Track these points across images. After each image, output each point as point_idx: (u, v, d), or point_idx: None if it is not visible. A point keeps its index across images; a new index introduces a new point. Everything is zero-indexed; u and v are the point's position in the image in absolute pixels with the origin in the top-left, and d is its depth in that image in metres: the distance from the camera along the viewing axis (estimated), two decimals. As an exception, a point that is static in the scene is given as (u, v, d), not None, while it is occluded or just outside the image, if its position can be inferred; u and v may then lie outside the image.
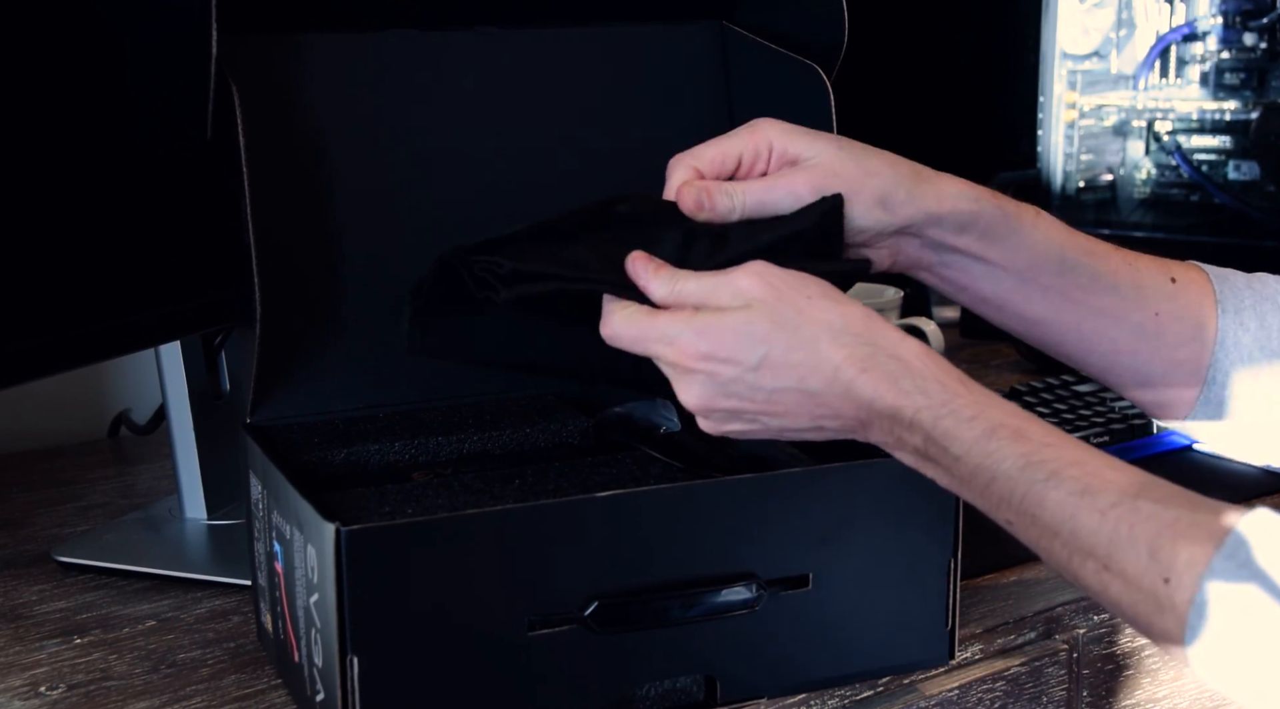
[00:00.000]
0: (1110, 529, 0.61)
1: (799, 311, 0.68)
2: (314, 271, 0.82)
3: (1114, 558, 0.61)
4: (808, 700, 0.74)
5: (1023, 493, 0.64)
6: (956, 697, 0.77)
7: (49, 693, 0.75)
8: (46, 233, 0.82)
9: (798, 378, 0.68)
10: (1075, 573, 0.63)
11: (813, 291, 0.69)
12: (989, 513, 0.66)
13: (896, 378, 0.67)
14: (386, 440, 0.81)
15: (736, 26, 0.91)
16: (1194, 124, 1.49)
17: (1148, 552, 0.60)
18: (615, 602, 0.68)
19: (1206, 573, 0.58)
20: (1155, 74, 1.51)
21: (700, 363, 0.69)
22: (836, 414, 0.69)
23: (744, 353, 0.68)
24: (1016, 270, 0.78)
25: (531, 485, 0.76)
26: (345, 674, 0.64)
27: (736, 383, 0.69)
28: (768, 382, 0.69)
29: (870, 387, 0.67)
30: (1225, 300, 0.80)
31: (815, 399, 0.68)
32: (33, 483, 1.09)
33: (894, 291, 1.24)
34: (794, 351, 0.68)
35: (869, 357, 0.67)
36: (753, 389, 0.69)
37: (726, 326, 0.68)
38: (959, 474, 0.66)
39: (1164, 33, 1.49)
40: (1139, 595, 0.60)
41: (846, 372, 0.67)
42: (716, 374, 0.69)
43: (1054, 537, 0.63)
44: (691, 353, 0.69)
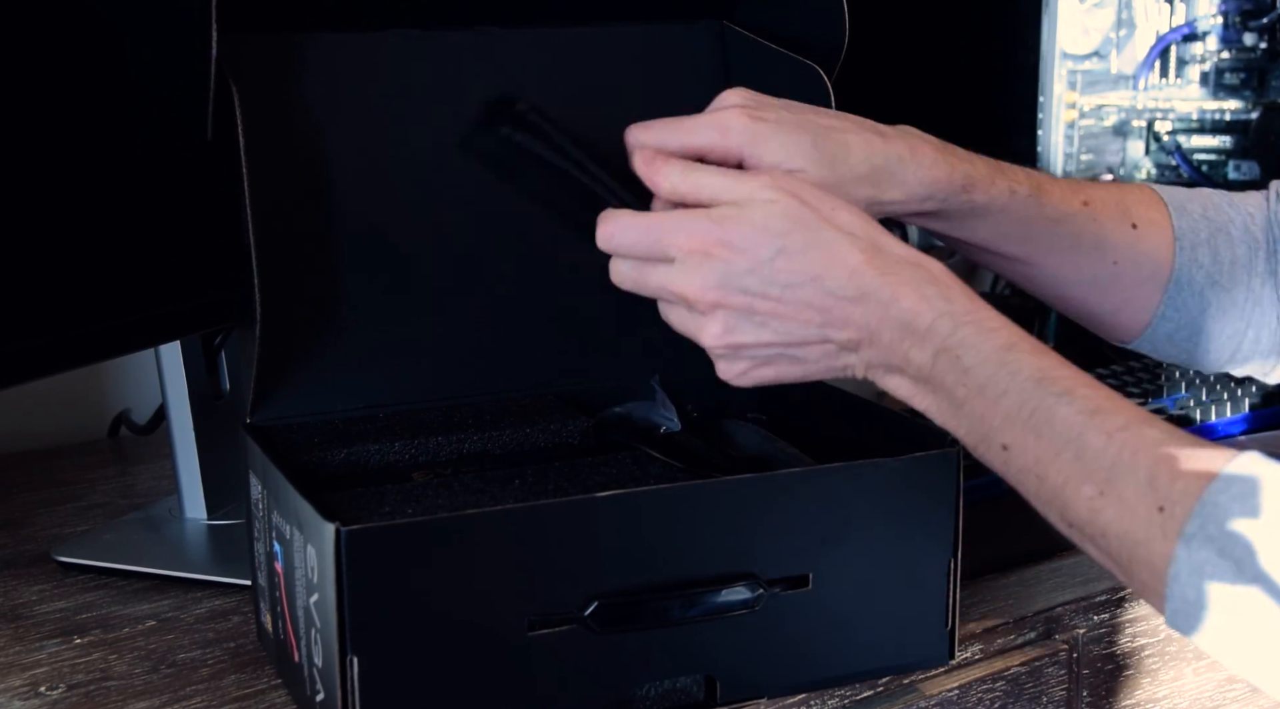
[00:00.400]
0: (1115, 452, 0.60)
1: (818, 213, 0.68)
2: (314, 271, 0.82)
3: (1113, 482, 0.60)
4: (808, 700, 0.74)
5: (1034, 406, 0.63)
6: (956, 697, 0.77)
7: (49, 693, 0.75)
8: (46, 233, 0.82)
9: (813, 274, 0.67)
10: (1066, 500, 0.62)
11: (836, 202, 0.68)
12: (984, 439, 0.65)
13: (918, 283, 0.66)
14: (386, 440, 0.81)
15: (737, 26, 0.91)
16: (1194, 124, 1.48)
17: (1146, 478, 0.59)
18: (615, 602, 0.68)
19: (1198, 506, 0.57)
20: (1155, 74, 1.51)
21: (716, 248, 0.67)
22: (845, 321, 0.67)
23: (761, 243, 0.67)
24: (980, 243, 0.82)
25: (531, 485, 0.76)
26: (345, 674, 0.64)
27: (750, 275, 0.67)
28: (783, 275, 0.67)
29: (890, 288, 0.66)
30: (1183, 236, 0.84)
31: (829, 299, 0.67)
32: (33, 483, 1.09)
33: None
34: (812, 248, 0.67)
35: (890, 262, 0.67)
36: (766, 283, 0.67)
37: (745, 217, 0.67)
38: (966, 390, 0.65)
39: (1164, 33, 1.49)
40: (1131, 522, 0.59)
41: (866, 273, 0.66)
42: (731, 264, 0.67)
43: (1056, 456, 0.62)
44: (708, 239, 0.67)
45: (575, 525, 0.68)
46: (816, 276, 0.67)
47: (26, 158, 0.80)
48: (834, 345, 0.68)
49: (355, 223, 0.83)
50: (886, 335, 0.66)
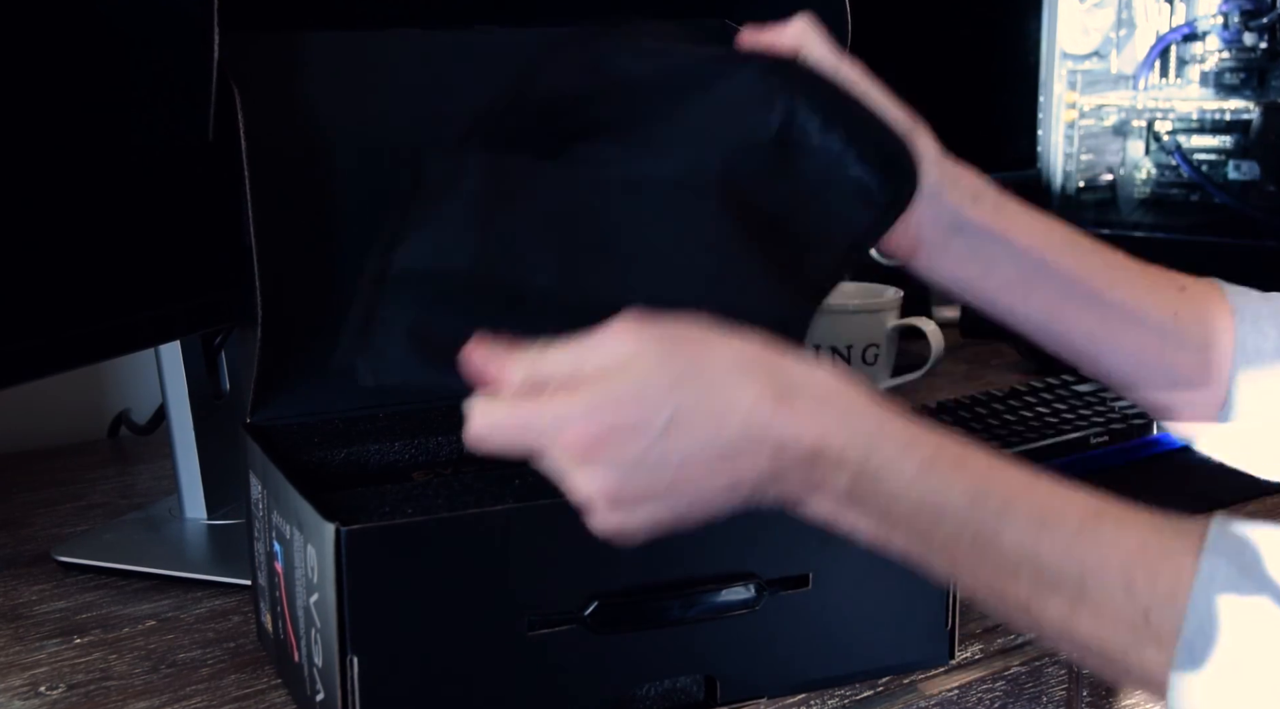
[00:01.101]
0: (1077, 562, 0.56)
1: (693, 356, 0.59)
2: (315, 271, 0.82)
3: (1084, 595, 0.56)
4: (808, 700, 0.74)
5: (974, 531, 0.57)
6: (956, 697, 0.77)
7: (49, 693, 0.75)
8: (47, 233, 0.82)
9: (710, 434, 0.58)
10: (1037, 616, 0.57)
11: (697, 334, 0.60)
12: (923, 556, 0.60)
13: (816, 410, 0.59)
14: (386, 440, 0.81)
15: (738, 25, 0.91)
16: (1194, 124, 1.49)
17: (1122, 584, 0.55)
18: (615, 602, 0.68)
19: (1189, 605, 0.54)
20: (1155, 74, 1.51)
21: (600, 448, 0.58)
22: (752, 466, 0.59)
23: (649, 417, 0.57)
24: (1033, 253, 0.75)
25: (531, 485, 0.76)
26: (345, 674, 0.64)
27: (646, 456, 0.58)
28: (680, 444, 0.58)
29: (788, 424, 0.58)
30: (1242, 310, 0.78)
31: (730, 454, 0.58)
32: (33, 483, 1.09)
33: (894, 292, 1.24)
34: (704, 401, 0.58)
35: (783, 390, 0.59)
36: (663, 460, 0.58)
37: (620, 394, 0.58)
38: (895, 515, 0.59)
39: (1164, 33, 1.49)
40: (1114, 633, 0.55)
41: (760, 412, 0.58)
42: (621, 454, 0.58)
43: (1012, 577, 0.57)
44: (587, 438, 0.58)
45: (575, 525, 0.67)
46: (714, 434, 0.58)
47: (27, 157, 0.80)
48: (745, 487, 0.60)
49: (356, 222, 0.83)
50: (795, 474, 0.59)
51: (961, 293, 0.78)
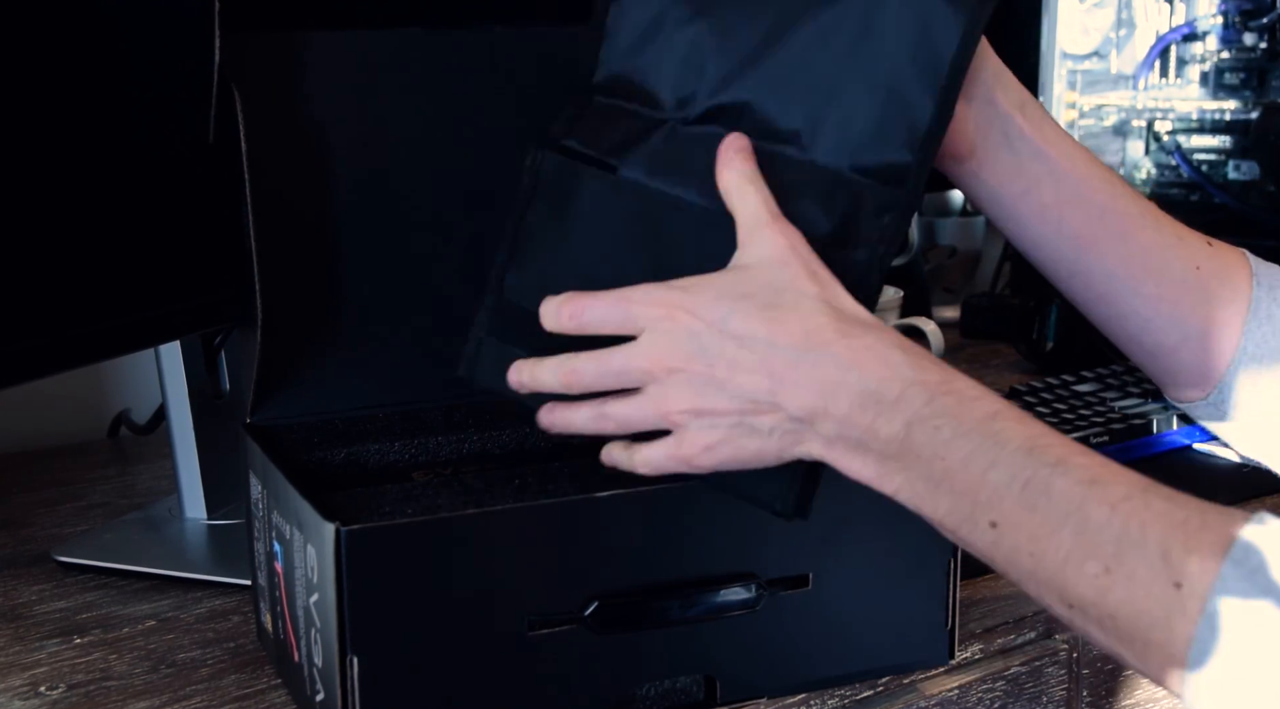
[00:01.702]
0: (1120, 525, 0.56)
1: (793, 278, 0.64)
2: (315, 271, 0.82)
3: (1121, 558, 0.56)
4: (808, 700, 0.74)
5: (1026, 478, 0.58)
6: (956, 697, 0.77)
7: (49, 693, 0.75)
8: (47, 233, 0.82)
9: (766, 333, 0.63)
10: (1067, 580, 0.58)
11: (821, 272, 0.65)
12: (968, 518, 0.60)
13: (884, 349, 0.62)
14: (386, 440, 0.81)
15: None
16: (1194, 124, 1.49)
17: (1159, 553, 0.55)
18: (615, 602, 0.68)
19: (1218, 582, 0.54)
20: (1155, 74, 1.51)
21: (678, 313, 0.64)
22: (796, 387, 0.62)
23: (721, 302, 0.64)
24: (1071, 179, 0.76)
25: (531, 485, 0.76)
26: (345, 674, 0.64)
27: (707, 334, 0.64)
28: (738, 330, 0.63)
29: (850, 353, 0.62)
30: (1261, 275, 0.79)
31: (778, 361, 0.62)
32: (33, 483, 1.09)
33: (894, 291, 1.25)
34: (770, 308, 0.63)
35: (853, 326, 0.63)
36: (722, 341, 0.63)
37: (713, 281, 0.65)
38: (946, 464, 0.60)
39: (1164, 33, 1.49)
40: (1145, 601, 0.55)
41: (823, 334, 0.62)
42: (692, 327, 0.64)
43: (1054, 532, 0.58)
44: (671, 303, 0.65)
45: (575, 525, 0.68)
46: (770, 336, 0.63)
47: (27, 158, 0.80)
48: (786, 416, 0.63)
49: (356, 222, 0.83)
50: (844, 405, 0.62)
51: (998, 212, 0.78)
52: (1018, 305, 1.42)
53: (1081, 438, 1.05)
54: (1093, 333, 1.37)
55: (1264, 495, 1.01)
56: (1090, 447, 1.05)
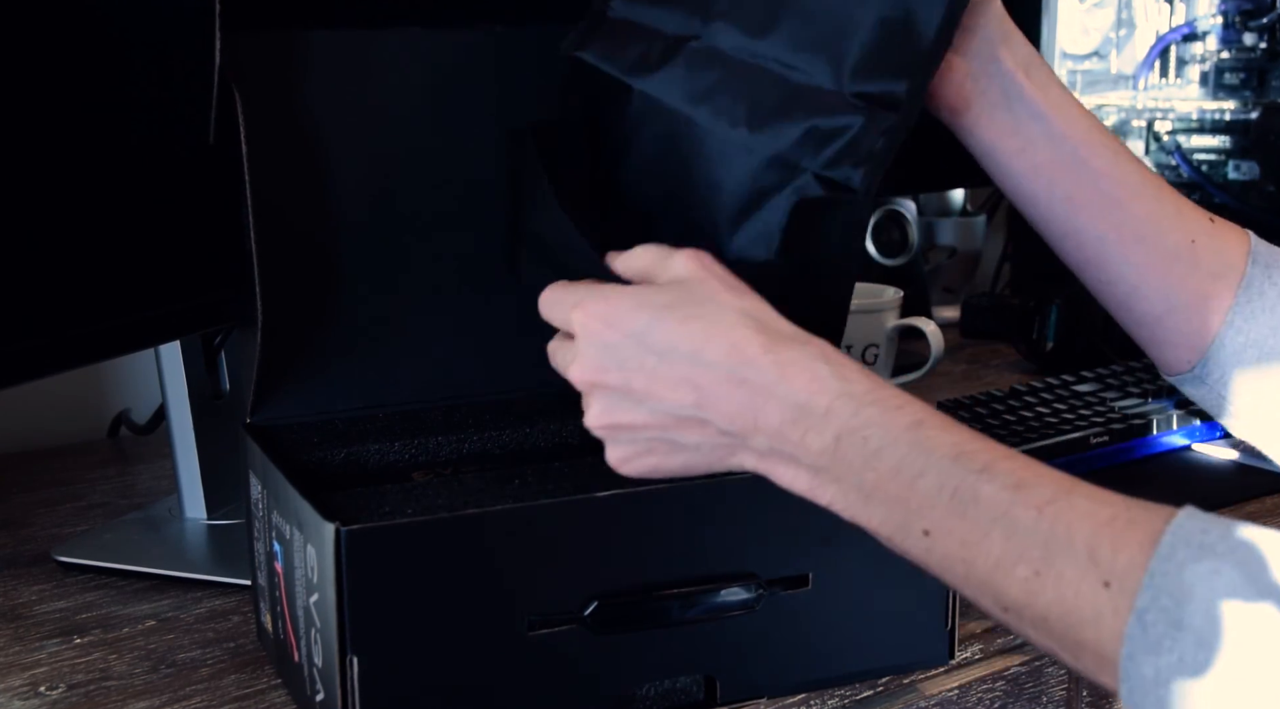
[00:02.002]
0: (1047, 527, 0.56)
1: (713, 292, 0.65)
2: (315, 271, 0.82)
3: (1050, 560, 0.56)
4: (808, 700, 0.74)
5: (954, 485, 0.58)
6: (956, 697, 0.77)
7: (49, 693, 0.75)
8: (47, 233, 0.82)
9: (691, 347, 0.62)
10: (999, 584, 0.58)
11: (737, 284, 0.65)
12: (900, 527, 0.60)
13: (809, 362, 0.62)
14: (386, 440, 0.81)
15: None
16: (1194, 124, 1.49)
17: (1086, 553, 0.55)
18: (615, 602, 0.68)
19: (1146, 578, 0.53)
20: (1155, 74, 1.51)
21: (596, 323, 0.65)
22: (724, 401, 0.62)
23: (640, 313, 0.64)
24: (1070, 141, 0.77)
25: (531, 485, 0.76)
26: (345, 674, 0.64)
27: (623, 348, 0.64)
28: (659, 344, 0.63)
29: (777, 368, 0.61)
30: (1258, 253, 0.79)
31: (705, 375, 0.62)
32: (33, 483, 1.09)
33: (894, 291, 1.25)
34: (693, 320, 0.63)
35: (778, 340, 0.62)
36: (641, 353, 0.63)
37: (628, 293, 0.66)
38: (876, 474, 0.60)
39: (1164, 33, 1.50)
40: (1075, 601, 0.55)
41: (749, 348, 0.62)
42: (604, 339, 0.64)
43: (983, 537, 0.58)
44: (584, 315, 0.65)
45: (575, 525, 0.68)
46: (693, 349, 0.63)
47: (27, 158, 0.80)
48: (715, 431, 0.63)
49: (356, 222, 0.83)
50: (774, 420, 0.62)
51: (992, 167, 0.79)
52: (1018, 305, 1.42)
53: (1081, 438, 1.05)
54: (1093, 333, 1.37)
55: (1263, 495, 1.01)
56: (1090, 447, 1.05)
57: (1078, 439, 1.05)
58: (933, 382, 1.26)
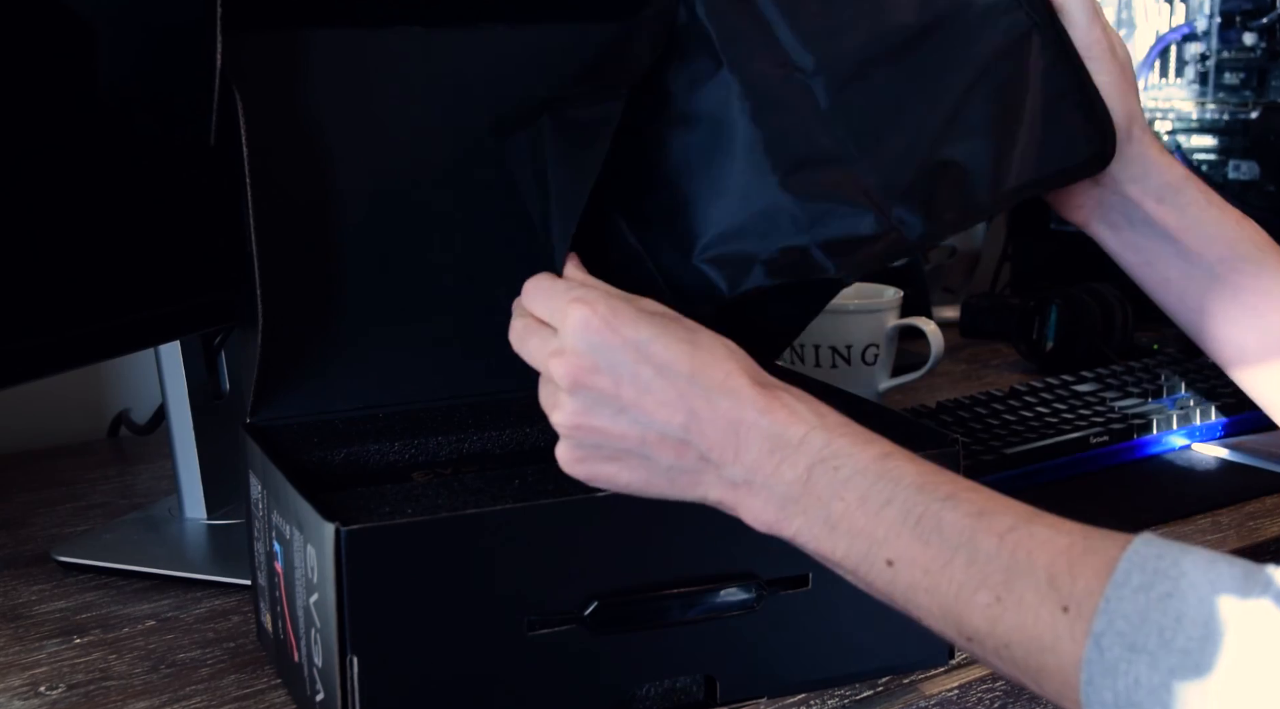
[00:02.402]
0: (1008, 554, 0.57)
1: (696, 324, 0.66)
2: (315, 271, 0.82)
3: (1010, 586, 0.57)
4: (808, 700, 0.74)
5: (919, 513, 0.60)
6: (956, 697, 0.77)
7: (49, 693, 0.75)
8: (47, 233, 0.82)
9: (690, 368, 0.63)
10: (961, 612, 0.58)
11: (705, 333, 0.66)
12: (865, 557, 0.61)
13: (788, 399, 0.64)
14: (386, 440, 0.81)
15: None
16: (1194, 124, 1.49)
17: (1046, 579, 0.56)
18: (615, 602, 0.68)
19: (1103, 603, 0.54)
20: (1155, 74, 1.51)
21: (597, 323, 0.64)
22: (712, 425, 0.63)
23: (643, 326, 0.64)
24: (1208, 260, 0.79)
25: (531, 485, 0.76)
26: (345, 674, 0.64)
27: (617, 354, 0.63)
28: (659, 358, 0.63)
29: (763, 400, 0.63)
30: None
31: (700, 398, 0.63)
32: (33, 483, 1.09)
33: (894, 292, 1.24)
34: (691, 345, 0.64)
35: (763, 379, 0.64)
36: (639, 363, 0.63)
37: (636, 301, 0.65)
38: (844, 504, 0.61)
39: (1164, 33, 1.49)
40: (1035, 628, 0.56)
41: (740, 378, 0.63)
42: (607, 340, 0.64)
43: (946, 564, 0.59)
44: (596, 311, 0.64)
45: (575, 525, 0.68)
46: (692, 373, 0.63)
47: (27, 158, 0.80)
48: (695, 456, 0.64)
49: (357, 222, 0.83)
50: (754, 449, 0.63)
51: (1121, 265, 0.82)
52: (1018, 305, 1.42)
53: (1081, 438, 1.05)
54: (1093, 333, 1.37)
55: (1263, 495, 1.01)
56: (1090, 446, 1.05)
57: (1078, 439, 1.05)
58: (933, 381, 1.26)
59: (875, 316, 1.20)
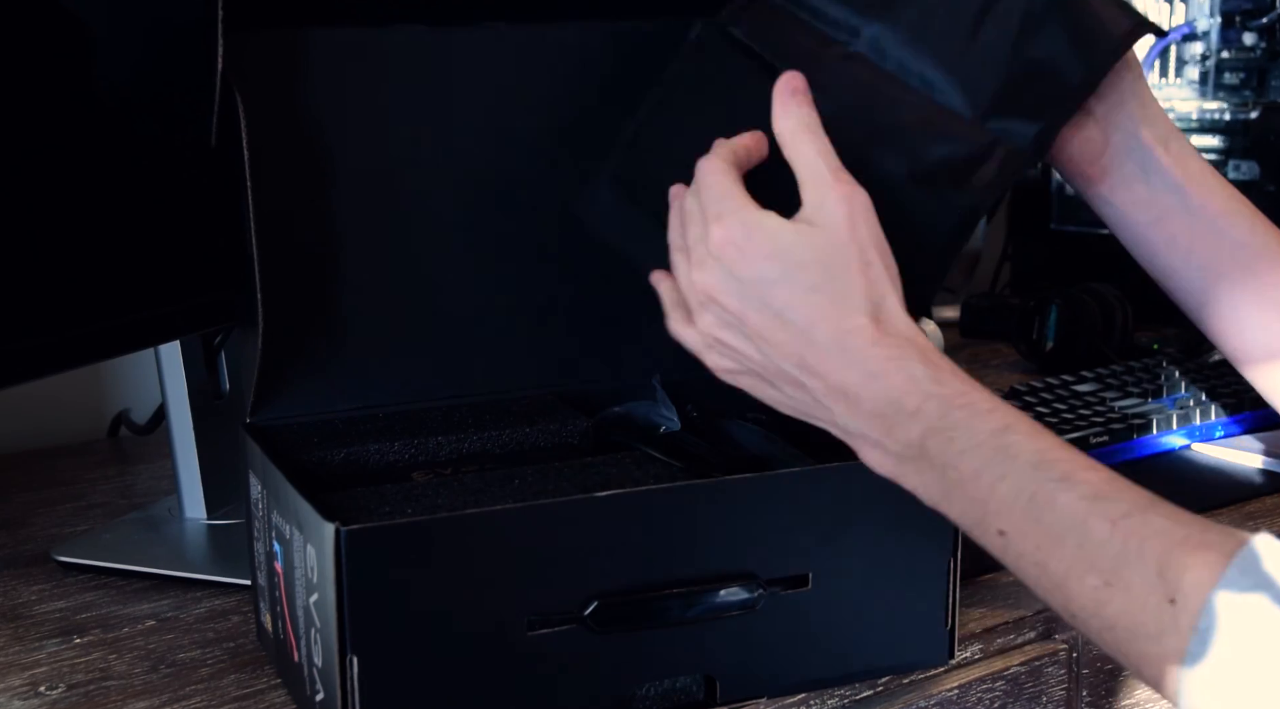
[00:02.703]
0: (1120, 541, 0.58)
1: (846, 265, 0.66)
2: (315, 271, 0.82)
3: (1119, 572, 0.57)
4: (808, 700, 0.74)
5: (1032, 491, 0.60)
6: (956, 697, 0.77)
7: (49, 693, 0.75)
8: (47, 232, 0.82)
9: (807, 319, 0.65)
10: (1070, 591, 0.60)
11: (873, 259, 0.66)
12: (978, 523, 0.63)
13: (907, 362, 0.64)
14: (386, 440, 0.81)
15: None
16: (1194, 124, 1.48)
17: (1156, 569, 0.57)
18: (615, 602, 0.68)
19: (1212, 596, 0.55)
20: (1155, 74, 1.51)
21: (730, 248, 0.66)
22: (824, 375, 0.65)
23: (772, 264, 0.66)
24: (1211, 213, 0.78)
25: (531, 485, 0.76)
26: (345, 674, 0.64)
27: (749, 287, 0.66)
28: (777, 302, 0.66)
29: (878, 362, 0.64)
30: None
31: (811, 348, 0.65)
32: (33, 483, 1.09)
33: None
34: (816, 292, 0.65)
35: (886, 334, 0.65)
36: (760, 302, 0.66)
37: (774, 232, 0.66)
38: (958, 473, 0.62)
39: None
40: (1140, 615, 0.57)
41: (858, 338, 0.65)
42: (738, 271, 0.66)
43: (1057, 544, 0.60)
44: (725, 235, 0.67)
45: (575, 525, 0.68)
46: (807, 324, 0.65)
47: (28, 158, 0.80)
48: (810, 397, 0.67)
49: (357, 222, 0.83)
50: (866, 408, 0.65)
51: (1125, 236, 0.80)
52: (1018, 305, 1.42)
53: (1081, 438, 1.05)
54: (1093, 333, 1.37)
55: (1263, 495, 1.01)
56: (1090, 446, 1.05)
57: (1077, 439, 1.05)
58: (933, 382, 1.26)
59: (875, 316, 1.20)
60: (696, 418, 0.87)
